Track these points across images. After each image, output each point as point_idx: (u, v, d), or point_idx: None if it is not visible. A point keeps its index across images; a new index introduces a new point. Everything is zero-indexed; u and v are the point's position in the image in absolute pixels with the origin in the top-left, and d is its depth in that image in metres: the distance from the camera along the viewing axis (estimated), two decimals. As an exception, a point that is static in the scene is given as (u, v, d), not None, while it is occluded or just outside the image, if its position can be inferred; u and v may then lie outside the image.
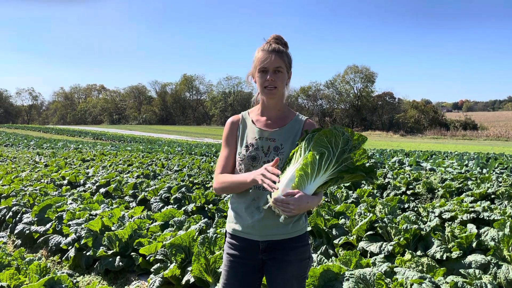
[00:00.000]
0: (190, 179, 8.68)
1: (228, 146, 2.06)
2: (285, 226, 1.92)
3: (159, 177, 9.58)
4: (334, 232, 4.73)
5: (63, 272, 3.44)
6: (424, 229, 4.38)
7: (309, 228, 4.85)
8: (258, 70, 1.96)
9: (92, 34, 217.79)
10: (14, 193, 7.17)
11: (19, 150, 21.29)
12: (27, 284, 3.18)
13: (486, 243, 4.10)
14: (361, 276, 3.04)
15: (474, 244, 4.14)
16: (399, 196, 7.39)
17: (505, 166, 13.02)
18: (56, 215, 5.30)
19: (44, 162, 13.66)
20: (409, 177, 9.19)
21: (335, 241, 4.56)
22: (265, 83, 1.94)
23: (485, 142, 43.70)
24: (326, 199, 6.80)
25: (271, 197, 1.78)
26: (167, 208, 5.65)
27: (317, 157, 1.75)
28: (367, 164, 1.86)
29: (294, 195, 1.72)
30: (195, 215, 5.02)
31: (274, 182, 1.71)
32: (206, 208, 5.95)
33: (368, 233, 4.57)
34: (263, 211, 1.90)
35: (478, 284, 2.93)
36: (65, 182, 8.94)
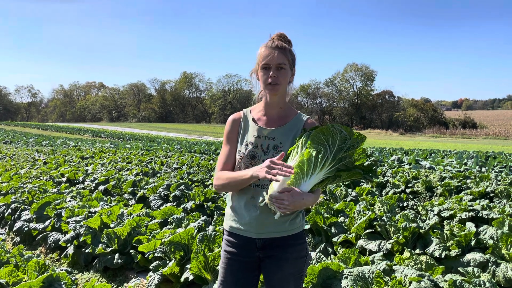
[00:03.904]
0: (189, 177, 8.68)
1: (229, 143, 2.05)
2: (281, 223, 1.92)
3: (158, 175, 9.58)
4: (333, 230, 4.73)
5: (62, 269, 3.45)
6: (423, 227, 4.38)
7: (308, 226, 4.86)
8: (261, 66, 1.94)
9: (92, 31, 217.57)
10: (13, 190, 7.16)
11: (18, 147, 21.25)
12: (25, 281, 3.17)
13: (484, 241, 4.10)
14: (360, 274, 3.04)
15: (473, 243, 4.14)
16: (398, 194, 7.40)
17: (504, 164, 13.03)
18: (55, 213, 5.30)
19: (43, 159, 13.65)
20: (408, 176, 9.20)
21: (334, 239, 4.56)
22: (268, 79, 1.92)
23: (484, 141, 43.71)
24: (325, 197, 6.80)
25: (267, 194, 1.77)
26: (166, 206, 5.65)
27: (313, 154, 1.73)
28: (366, 163, 1.83)
29: (289, 191, 1.71)
30: (194, 213, 5.02)
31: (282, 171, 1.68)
32: (205, 206, 5.95)
33: (367, 231, 4.57)
34: (260, 208, 1.89)
35: (477, 282, 2.94)
36: (64, 179, 8.94)
